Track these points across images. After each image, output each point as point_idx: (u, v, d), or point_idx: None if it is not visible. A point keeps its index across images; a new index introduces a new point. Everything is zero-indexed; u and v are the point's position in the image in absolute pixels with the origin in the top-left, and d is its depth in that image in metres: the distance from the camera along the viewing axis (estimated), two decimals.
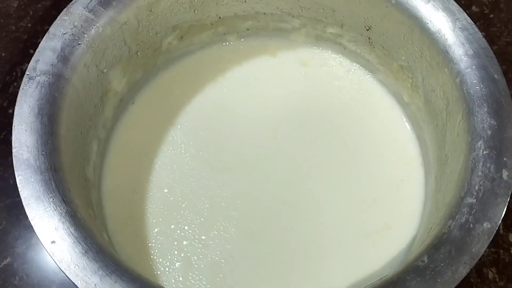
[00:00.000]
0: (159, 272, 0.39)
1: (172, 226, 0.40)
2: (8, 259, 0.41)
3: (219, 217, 0.40)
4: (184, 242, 0.39)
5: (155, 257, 0.39)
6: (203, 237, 0.39)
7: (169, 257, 0.39)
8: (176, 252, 0.39)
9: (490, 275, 0.42)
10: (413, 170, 0.42)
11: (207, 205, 0.41)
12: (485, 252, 0.41)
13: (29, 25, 0.51)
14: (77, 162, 0.37)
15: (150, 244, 0.40)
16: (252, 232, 0.40)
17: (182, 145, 0.43)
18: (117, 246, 0.39)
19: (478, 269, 0.41)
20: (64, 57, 0.36)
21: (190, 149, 0.43)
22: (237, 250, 0.39)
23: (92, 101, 0.40)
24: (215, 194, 0.41)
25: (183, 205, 0.41)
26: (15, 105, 0.45)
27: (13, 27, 0.51)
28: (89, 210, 0.36)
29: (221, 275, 0.38)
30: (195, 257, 0.39)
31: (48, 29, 0.48)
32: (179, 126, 0.44)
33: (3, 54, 0.49)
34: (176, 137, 0.44)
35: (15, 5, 0.52)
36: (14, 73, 0.48)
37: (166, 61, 0.47)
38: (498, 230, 0.31)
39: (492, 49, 0.37)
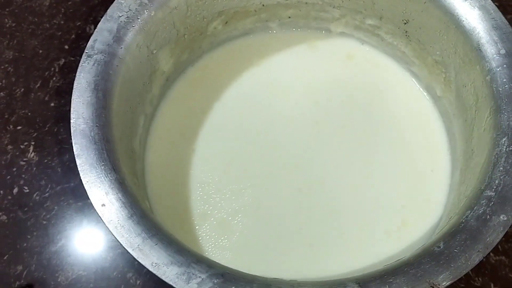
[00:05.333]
0: (195, 239, 0.41)
1: (208, 198, 0.43)
2: (62, 241, 0.44)
3: (253, 190, 0.43)
4: (220, 211, 0.42)
5: (191, 225, 0.42)
6: (237, 208, 0.42)
7: (206, 225, 0.42)
8: (211, 220, 0.42)
9: None
10: (441, 162, 0.44)
11: (243, 180, 0.43)
12: None
13: (62, 22, 0.54)
14: (126, 135, 0.40)
15: (187, 213, 0.42)
16: (279, 206, 0.42)
17: (221, 124, 0.46)
18: (156, 213, 0.42)
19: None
20: (119, 38, 0.39)
21: (227, 128, 0.46)
22: (267, 220, 0.42)
23: (141, 79, 0.42)
24: (251, 170, 0.44)
25: (220, 179, 0.43)
26: (55, 99, 0.49)
27: (47, 25, 0.53)
28: (134, 179, 0.39)
29: (253, 244, 0.41)
30: (230, 224, 0.41)
31: (79, 25, 0.52)
32: (218, 106, 0.47)
33: (41, 51, 0.52)
34: (215, 116, 0.46)
35: (47, 3, 0.55)
36: (52, 69, 0.51)
37: (210, 44, 0.49)
38: None
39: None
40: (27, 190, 0.46)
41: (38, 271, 0.43)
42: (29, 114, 0.49)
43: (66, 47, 0.52)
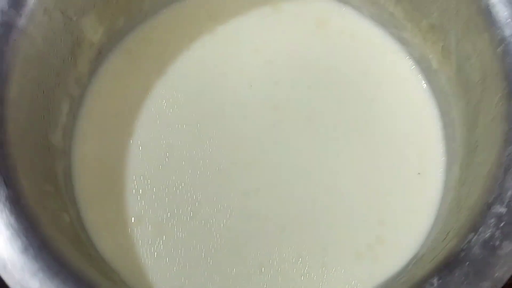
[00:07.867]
0: (128, 245, 0.36)
1: (144, 195, 0.37)
2: None
3: (192, 189, 0.37)
4: (155, 212, 0.36)
5: (125, 229, 0.36)
6: (174, 209, 0.37)
7: (139, 229, 0.36)
8: (146, 222, 0.36)
9: None
10: (433, 156, 0.38)
11: (190, 175, 0.38)
12: None
13: None
14: (35, 129, 0.33)
15: (121, 214, 0.37)
16: (238, 205, 0.37)
17: (163, 106, 0.40)
18: (85, 218, 0.36)
19: None
20: (16, 3, 0.31)
21: (170, 111, 0.40)
22: (217, 228, 0.36)
23: (58, 54, 0.35)
24: (190, 164, 0.38)
25: (156, 173, 0.38)
26: None
27: None
28: (47, 185, 0.33)
29: (188, 260, 0.35)
30: (164, 230, 0.36)
31: None
32: (166, 82, 0.40)
33: None
34: (157, 95, 0.40)
35: None
36: None
37: (153, 6, 0.42)
38: None
39: None
40: None
41: None
42: None
43: None
